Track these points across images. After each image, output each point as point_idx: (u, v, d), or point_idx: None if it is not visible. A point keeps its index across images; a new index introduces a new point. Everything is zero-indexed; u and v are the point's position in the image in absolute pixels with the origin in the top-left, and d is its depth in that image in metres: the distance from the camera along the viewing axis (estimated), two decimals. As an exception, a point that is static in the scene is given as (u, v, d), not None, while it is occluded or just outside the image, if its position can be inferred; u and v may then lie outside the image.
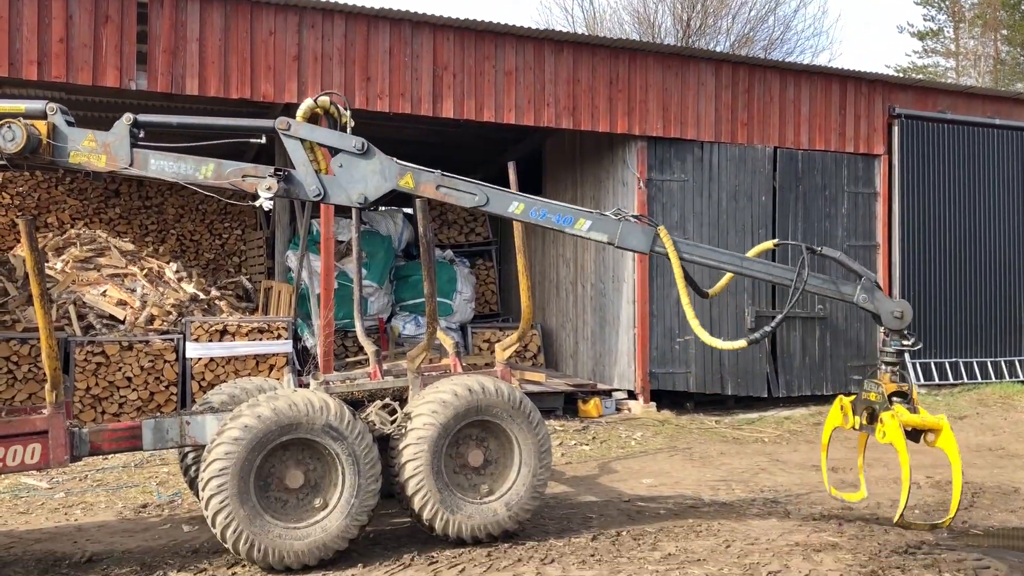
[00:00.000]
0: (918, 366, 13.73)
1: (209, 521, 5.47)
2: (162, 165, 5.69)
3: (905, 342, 6.12)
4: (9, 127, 5.37)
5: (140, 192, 15.75)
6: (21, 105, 5.53)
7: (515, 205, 6.02)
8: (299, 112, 5.97)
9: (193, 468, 6.87)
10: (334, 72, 10.89)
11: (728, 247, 12.64)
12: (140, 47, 10.08)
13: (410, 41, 11.24)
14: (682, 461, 9.36)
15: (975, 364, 14.31)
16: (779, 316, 6.18)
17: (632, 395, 12.51)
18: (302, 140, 5.85)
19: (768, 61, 13.94)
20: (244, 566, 5.63)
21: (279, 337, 11.33)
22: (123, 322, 10.94)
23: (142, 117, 5.70)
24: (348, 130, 6.08)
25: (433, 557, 5.84)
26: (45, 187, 15.25)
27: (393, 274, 15.44)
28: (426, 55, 11.29)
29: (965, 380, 14.08)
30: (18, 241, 14.37)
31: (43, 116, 5.50)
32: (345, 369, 11.67)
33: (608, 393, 12.62)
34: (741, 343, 6.21)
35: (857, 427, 6.28)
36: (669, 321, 12.46)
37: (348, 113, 6.15)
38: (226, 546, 5.49)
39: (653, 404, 12.26)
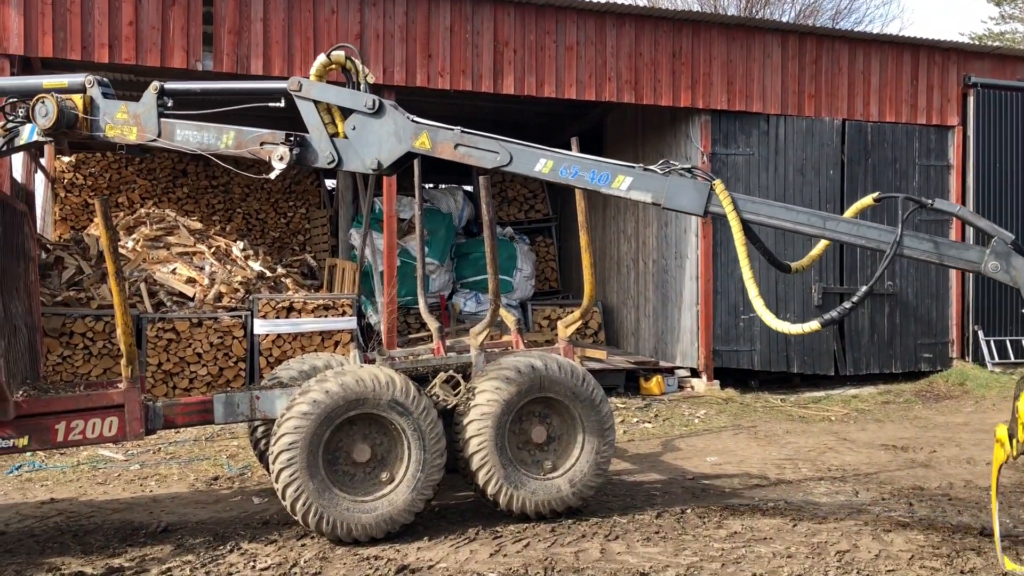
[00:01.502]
0: (992, 343, 13.31)
1: (279, 493, 5.59)
2: (187, 135, 5.56)
3: None
4: (42, 102, 5.35)
5: (207, 171, 16.07)
6: (64, 80, 5.53)
7: (542, 163, 5.39)
8: (312, 70, 5.55)
9: (263, 442, 7.01)
10: (395, 50, 10.93)
11: (794, 222, 12.40)
12: (206, 28, 10.24)
13: (471, 18, 11.20)
14: (746, 440, 9.25)
15: (1053, 342, 13.83)
16: (863, 289, 5.07)
17: (695, 373, 12.39)
18: (315, 102, 5.49)
19: (836, 31, 13.56)
20: (313, 537, 5.75)
21: (344, 314, 11.49)
22: (192, 299, 11.20)
23: (169, 85, 5.58)
24: (365, 87, 5.54)
25: (497, 532, 5.88)
26: (116, 168, 15.67)
27: (454, 252, 15.52)
28: (487, 31, 11.25)
29: (1042, 359, 13.62)
30: (91, 221, 14.82)
31: (82, 90, 5.49)
32: (408, 345, 11.78)
33: (670, 371, 12.53)
34: (814, 325, 5.07)
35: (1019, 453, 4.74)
36: (733, 298, 12.28)
37: (365, 69, 5.62)
38: (295, 518, 5.61)
39: (716, 382, 12.13)
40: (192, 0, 10.14)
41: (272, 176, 5.57)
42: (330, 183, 17.18)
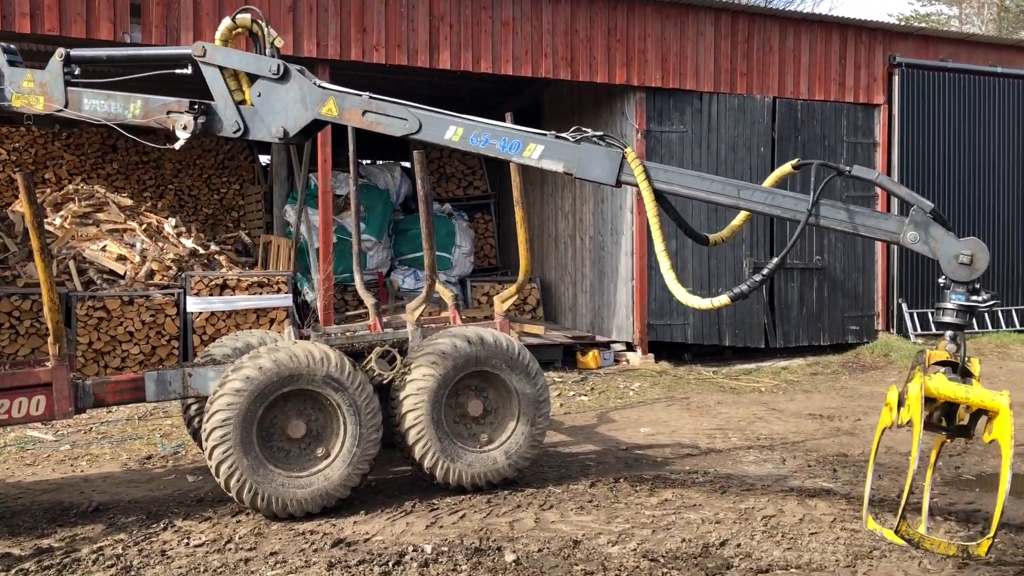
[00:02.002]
0: (915, 315, 13.79)
1: (213, 470, 5.56)
2: (94, 105, 5.42)
3: (975, 297, 4.47)
4: None
5: (137, 147, 15.66)
6: None
7: (452, 131, 5.26)
8: (217, 34, 5.44)
9: (196, 420, 6.96)
10: (329, 23, 10.78)
11: (727, 199, 12.63)
12: (134, -1, 9.97)
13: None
14: (679, 411, 9.47)
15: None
16: (773, 262, 4.97)
17: (630, 347, 12.60)
18: (220, 68, 5.37)
19: (768, 10, 13.80)
20: (248, 514, 5.73)
21: (279, 291, 11.37)
22: (123, 277, 10.98)
23: (75, 52, 5.43)
24: (272, 52, 5.42)
25: (434, 504, 5.94)
26: (41, 143, 15.19)
27: (391, 228, 15.45)
28: (422, 5, 11.17)
29: (962, 330, 14.14)
30: (16, 197, 14.35)
31: None
32: (345, 323, 11.73)
33: (606, 345, 12.71)
34: (723, 299, 4.96)
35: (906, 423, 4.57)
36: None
37: (272, 32, 5.48)
38: (230, 495, 5.59)
39: (651, 356, 12.35)
40: (118, -27, 9.86)
41: (177, 147, 5.44)
42: (264, 158, 16.91)
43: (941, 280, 4.59)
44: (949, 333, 4.52)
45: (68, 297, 10.30)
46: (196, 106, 5.36)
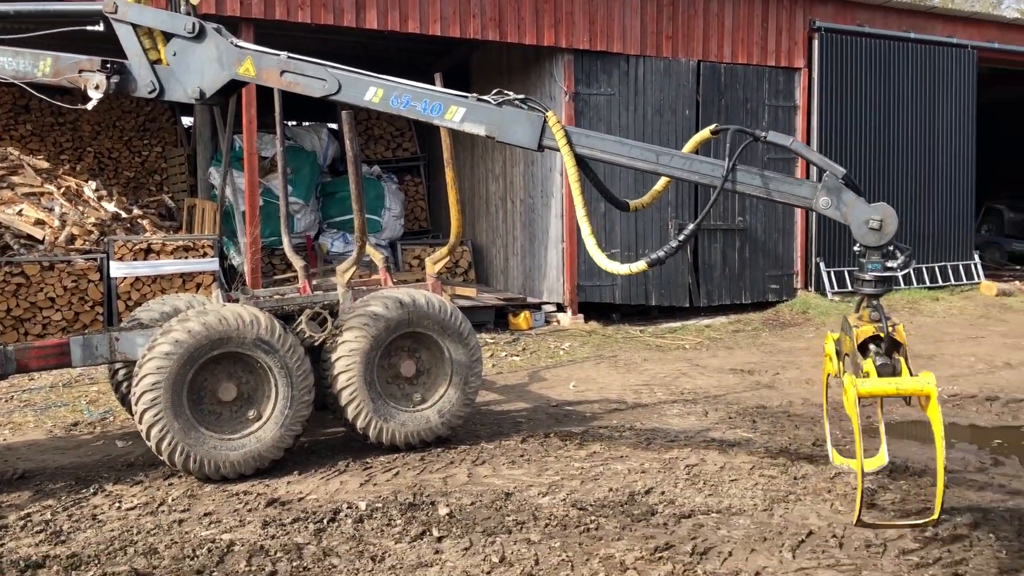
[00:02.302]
0: (833, 275, 14.30)
1: (143, 434, 5.54)
2: (1, 63, 5.28)
3: (891, 263, 4.48)
4: None
5: (52, 108, 15.09)
6: None
7: (372, 92, 5.19)
8: None
9: (124, 385, 6.88)
10: (252, -19, 10.54)
11: (653, 161, 12.85)
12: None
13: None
14: (608, 368, 9.70)
15: (885, 272, 14.95)
16: (690, 227, 5.02)
17: (561, 308, 12.79)
18: (133, 26, 5.24)
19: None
20: (180, 477, 5.74)
21: (205, 255, 11.20)
22: (42, 242, 10.67)
23: None
24: (186, 10, 5.31)
25: (368, 463, 6.03)
26: (-53, 104, 14.55)
27: (319, 191, 15.29)
28: (349, -36, 10.99)
29: (876, 287, 14.71)
30: (-78, 160, 13.74)
31: None
32: (273, 287, 11.63)
33: (538, 306, 12.89)
34: (640, 265, 4.98)
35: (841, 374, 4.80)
36: (597, 235, 12.65)
37: None
38: (161, 458, 5.59)
39: (581, 316, 12.57)
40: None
41: (89, 107, 5.32)
42: (187, 120, 16.49)
43: (856, 248, 4.62)
44: (871, 303, 4.53)
45: (-17, 263, 9.98)
46: (109, 65, 5.23)
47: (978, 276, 15.86)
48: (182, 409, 5.53)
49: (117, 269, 10.65)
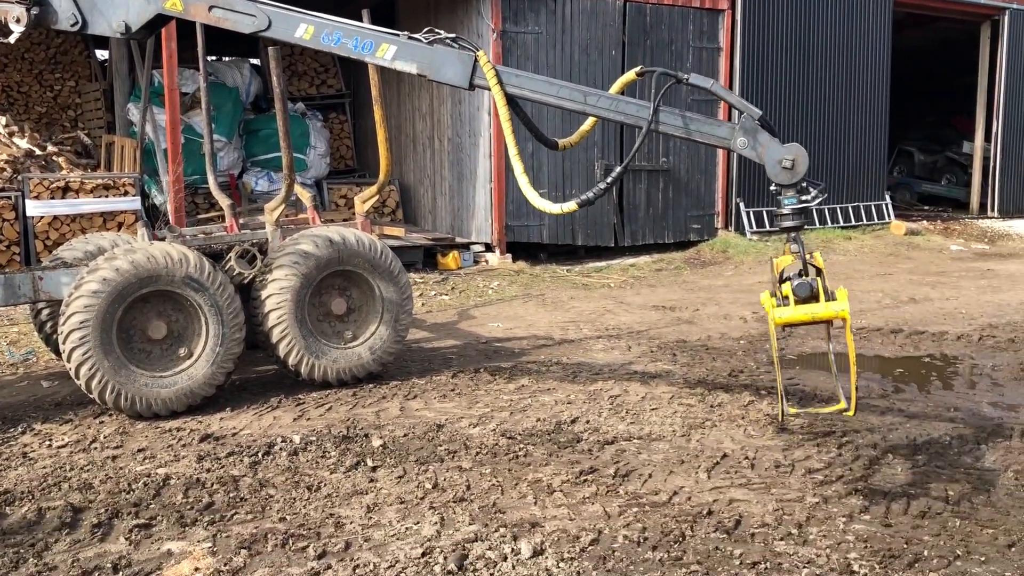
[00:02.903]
0: (752, 215, 14.74)
1: (72, 373, 5.53)
2: None
3: (804, 196, 4.71)
4: None
5: (-47, 38, 14.38)
6: None
7: (303, 28, 5.16)
8: None
9: (49, 324, 6.80)
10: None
11: (580, 101, 12.96)
12: None
13: None
14: (535, 307, 9.92)
15: (802, 212, 15.46)
16: (617, 169, 5.16)
17: (489, 248, 12.93)
18: None
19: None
20: (111, 415, 5.75)
21: (126, 194, 10.96)
22: (-49, 180, 10.29)
23: None
24: None
25: (300, 399, 6.13)
26: None
27: (242, 128, 14.98)
28: None
29: (793, 227, 15.22)
30: None
31: None
32: (198, 225, 11.47)
33: (466, 246, 13.00)
34: (571, 205, 5.02)
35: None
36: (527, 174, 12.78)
37: None
38: (91, 396, 5.59)
39: (509, 256, 12.74)
40: None
41: (11, 40, 5.20)
42: (102, 54, 15.87)
43: (772, 187, 4.83)
44: (791, 235, 4.71)
45: None
46: None
47: (889, 216, 16.55)
48: (111, 347, 5.52)
49: (33, 208, 10.36)
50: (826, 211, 15.71)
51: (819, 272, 4.71)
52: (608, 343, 8.06)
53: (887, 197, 16.82)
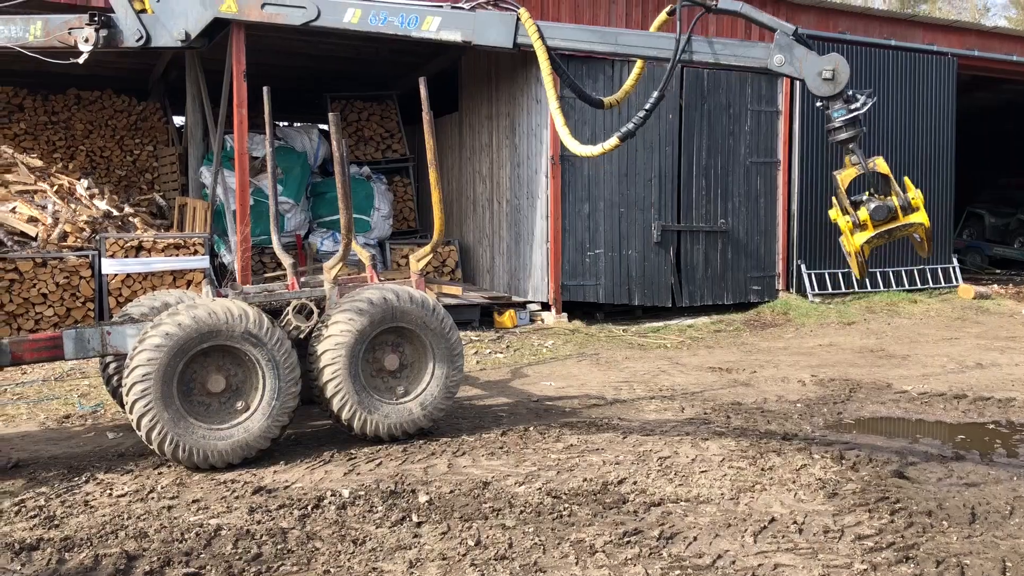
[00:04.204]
0: (813, 277, 14.56)
1: (134, 424, 5.73)
2: None
3: (853, 105, 4.88)
4: None
5: (45, 107, 15.27)
6: None
7: (351, 13, 5.39)
8: None
9: (115, 378, 7.06)
10: (244, -16, 10.72)
11: (637, 163, 13.12)
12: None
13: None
14: (589, 366, 9.93)
15: (866, 274, 15.22)
16: (655, 94, 5.19)
17: (545, 307, 13.02)
18: None
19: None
20: (170, 466, 5.93)
21: (195, 253, 11.39)
22: (35, 239, 10.84)
23: None
24: None
25: (352, 453, 6.24)
26: (-58, 102, 14.69)
27: (310, 191, 15.47)
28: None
29: (856, 290, 15.00)
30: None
31: None
32: (263, 284, 11.81)
33: (522, 305, 13.10)
34: (613, 141, 5.15)
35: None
36: (580, 235, 12.92)
37: None
38: (151, 447, 5.77)
39: (565, 315, 12.80)
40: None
41: (80, 60, 5.48)
42: (179, 120, 16.66)
43: (819, 103, 4.96)
44: (849, 147, 4.94)
45: (-24, 259, 10.14)
46: (96, 18, 5.39)
47: (956, 279, 16.17)
48: (172, 400, 5.72)
49: (108, 266, 10.83)
50: (891, 274, 15.43)
51: (886, 180, 4.86)
52: (661, 404, 8.02)
53: (954, 260, 16.45)
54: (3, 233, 10.72)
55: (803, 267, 14.49)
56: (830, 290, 14.72)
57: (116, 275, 10.88)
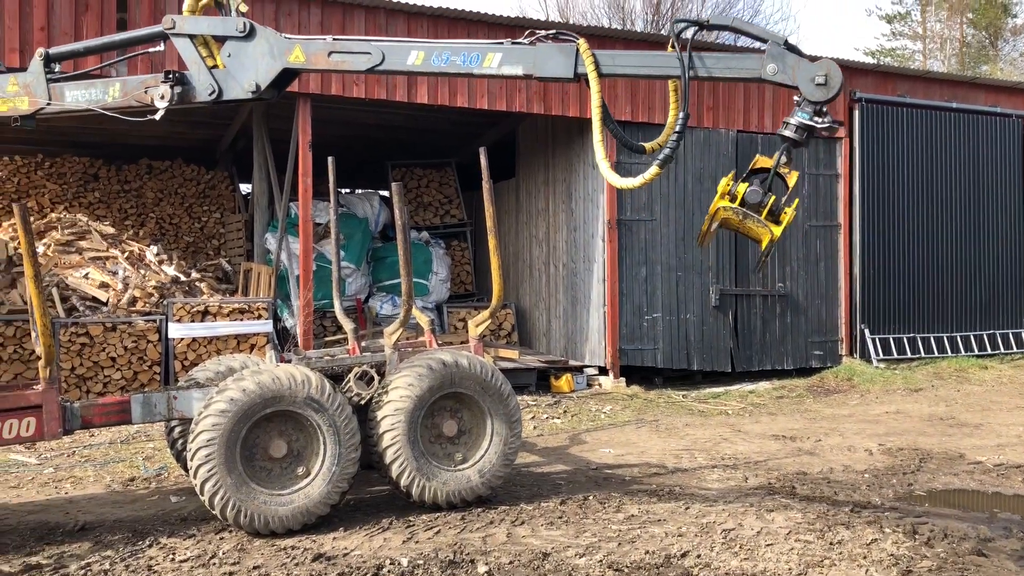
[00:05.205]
0: (878, 342, 14.24)
1: (197, 489, 5.79)
2: (76, 95, 5.70)
3: (818, 118, 4.95)
4: None
5: (119, 176, 15.90)
6: None
7: (414, 56, 5.47)
8: (185, 6, 5.74)
9: (180, 442, 7.17)
10: (310, 58, 11.12)
11: (694, 227, 13.09)
12: (119, 34, 10.26)
13: (385, 28, 11.49)
14: (649, 432, 9.79)
15: (932, 339, 14.85)
16: (681, 114, 5.26)
17: (603, 371, 12.92)
18: (191, 36, 5.63)
19: (732, 47, 14.30)
20: (231, 531, 5.97)
21: (259, 317, 11.62)
22: (106, 304, 11.18)
23: (53, 49, 5.76)
24: (236, 14, 5.69)
25: (410, 521, 6.20)
26: (25, 172, 15.37)
27: (370, 255, 15.74)
28: (400, 41, 11.53)
29: (923, 355, 14.62)
30: (-2, 225, 14.52)
31: None
32: (324, 348, 11.97)
33: (579, 369, 13.03)
34: (653, 170, 5.16)
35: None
36: (638, 299, 12.88)
37: None
38: (214, 513, 5.82)
39: (623, 380, 12.68)
40: (105, 7, 10.17)
41: (156, 117, 5.67)
42: (245, 187, 17.18)
43: (796, 98, 5.02)
44: (788, 147, 5.08)
45: (52, 323, 10.45)
46: (171, 75, 5.61)
47: (1029, 344, 15.65)
48: (235, 465, 5.78)
49: (175, 330, 11.10)
50: (959, 338, 15.02)
51: (787, 190, 5.05)
52: (724, 473, 7.85)
53: (1026, 324, 15.96)
54: (76, 298, 11.09)
55: (867, 331, 14.19)
56: (895, 355, 14.37)
57: (182, 339, 11.15)
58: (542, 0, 37.82)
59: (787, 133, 5.04)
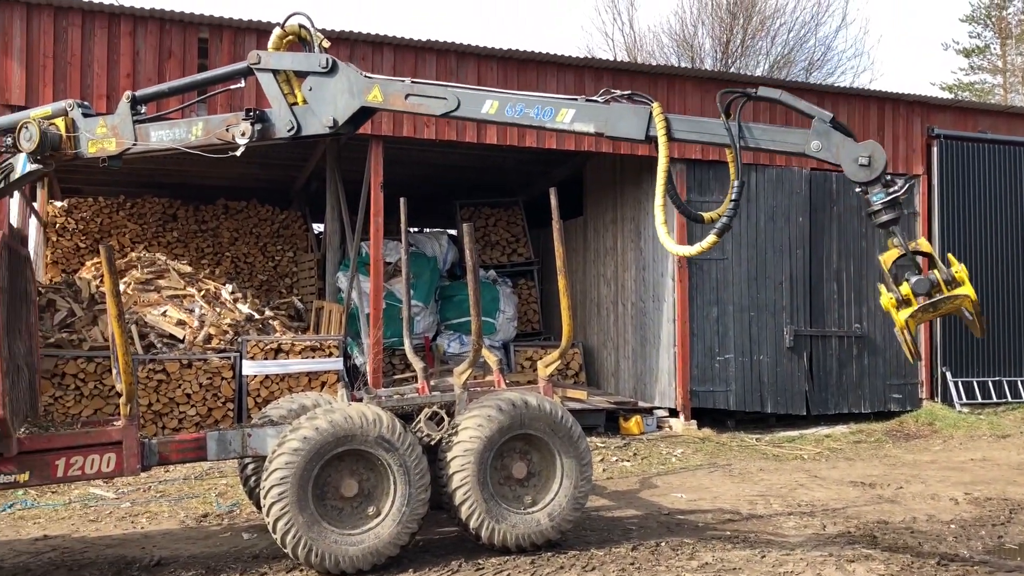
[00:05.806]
0: (960, 384, 13.72)
1: (270, 527, 5.83)
2: (161, 135, 5.86)
3: (892, 189, 4.92)
4: (26, 127, 5.73)
5: (196, 216, 16.39)
6: (48, 108, 5.95)
7: (488, 104, 5.52)
8: (269, 43, 5.83)
9: (252, 479, 7.25)
10: (382, 101, 11.35)
11: (767, 266, 12.87)
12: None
13: (455, 71, 11.67)
14: (721, 477, 9.55)
15: (1019, 383, 14.25)
16: (736, 183, 5.22)
17: (673, 413, 12.70)
18: (274, 72, 5.74)
19: (805, 84, 14.18)
20: (302, 570, 5.98)
21: (330, 355, 11.76)
22: (182, 341, 11.45)
23: (139, 92, 5.96)
24: (319, 51, 5.77)
25: (479, 564, 6.14)
26: (107, 212, 15.96)
27: (438, 294, 15.85)
28: (471, 84, 11.70)
29: (1009, 399, 14.02)
30: (82, 264, 15.07)
31: (64, 113, 5.87)
32: (393, 385, 12.03)
33: (649, 411, 12.84)
34: (711, 239, 5.11)
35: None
36: (709, 339, 12.67)
37: (319, 35, 5.81)
38: (285, 551, 5.85)
39: (694, 422, 12.44)
40: (188, 53, 10.56)
41: (238, 153, 5.79)
42: (318, 227, 17.52)
43: (857, 189, 5.03)
44: (893, 228, 4.98)
45: (132, 361, 10.76)
46: (252, 112, 5.75)
47: (1125, 388, 14.88)
48: (307, 503, 5.81)
49: (249, 367, 11.31)
50: (1019, 384, 14.36)
51: (930, 258, 4.91)
52: (800, 521, 7.59)
53: (1121, 367, 15.19)
54: (154, 335, 11.39)
55: (948, 374, 13.69)
56: (979, 399, 13.82)
57: (255, 376, 11.33)
58: (609, 40, 38.06)
59: (882, 220, 4.96)
